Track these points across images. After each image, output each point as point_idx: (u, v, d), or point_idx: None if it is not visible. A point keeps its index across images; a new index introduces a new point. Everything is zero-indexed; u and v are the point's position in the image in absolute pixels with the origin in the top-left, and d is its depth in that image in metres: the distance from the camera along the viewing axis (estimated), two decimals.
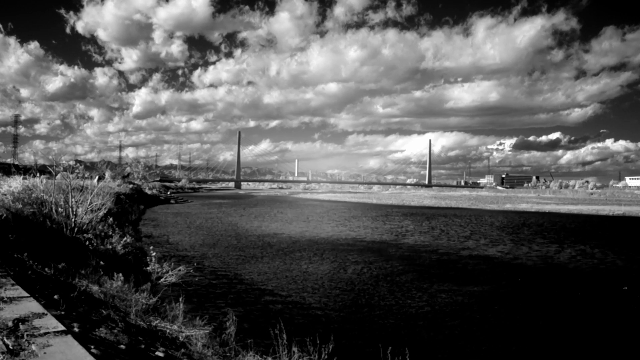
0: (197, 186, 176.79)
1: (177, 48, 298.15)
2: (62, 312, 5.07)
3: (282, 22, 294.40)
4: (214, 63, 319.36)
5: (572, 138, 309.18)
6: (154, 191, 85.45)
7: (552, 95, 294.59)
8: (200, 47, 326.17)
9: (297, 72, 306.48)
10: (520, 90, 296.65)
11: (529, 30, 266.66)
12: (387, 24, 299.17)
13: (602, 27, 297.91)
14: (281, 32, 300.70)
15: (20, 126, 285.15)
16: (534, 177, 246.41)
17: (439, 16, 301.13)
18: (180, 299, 8.22)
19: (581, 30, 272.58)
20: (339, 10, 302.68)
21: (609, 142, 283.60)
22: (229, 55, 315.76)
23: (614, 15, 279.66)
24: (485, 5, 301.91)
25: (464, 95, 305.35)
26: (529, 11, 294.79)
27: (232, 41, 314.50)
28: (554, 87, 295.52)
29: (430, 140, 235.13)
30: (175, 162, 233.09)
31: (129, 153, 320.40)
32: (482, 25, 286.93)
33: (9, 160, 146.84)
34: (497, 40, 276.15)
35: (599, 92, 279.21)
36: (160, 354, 5.12)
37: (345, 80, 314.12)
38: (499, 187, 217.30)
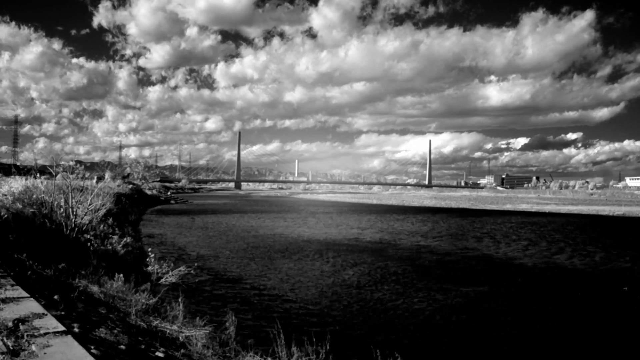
0: (197, 187, 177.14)
1: (209, 43, 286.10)
2: (62, 313, 5.07)
3: (326, 15, 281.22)
4: (242, 58, 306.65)
5: (589, 138, 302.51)
6: (154, 192, 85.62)
7: (583, 94, 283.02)
8: (235, 41, 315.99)
9: (329, 70, 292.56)
10: (553, 89, 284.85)
11: (577, 26, 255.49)
12: (432, 20, 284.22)
13: None
14: (323, 25, 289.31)
15: (27, 125, 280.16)
16: (534, 178, 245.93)
17: (491, 10, 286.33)
18: (180, 300, 8.23)
19: (629, 27, 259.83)
20: (385, 4, 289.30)
21: (626, 142, 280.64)
22: (262, 48, 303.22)
23: None
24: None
25: (494, 94, 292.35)
26: (581, 5, 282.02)
27: (270, 34, 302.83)
28: (586, 85, 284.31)
29: (430, 141, 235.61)
30: (176, 162, 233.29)
31: (133, 152, 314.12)
32: (529, 21, 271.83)
33: (9, 161, 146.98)
34: (540, 38, 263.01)
35: (631, 90, 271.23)
36: (160, 354, 5.13)
37: (376, 78, 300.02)
38: (499, 188, 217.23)
